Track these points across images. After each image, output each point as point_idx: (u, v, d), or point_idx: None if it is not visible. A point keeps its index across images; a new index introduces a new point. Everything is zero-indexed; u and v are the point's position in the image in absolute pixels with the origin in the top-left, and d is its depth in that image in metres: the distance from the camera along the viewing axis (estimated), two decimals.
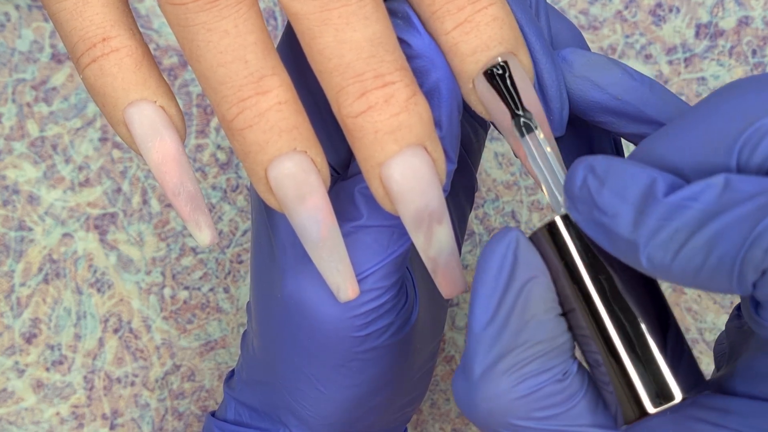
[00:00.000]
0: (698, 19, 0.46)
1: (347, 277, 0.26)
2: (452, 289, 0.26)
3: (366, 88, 0.24)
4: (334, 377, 0.30)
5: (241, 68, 0.24)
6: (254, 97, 0.24)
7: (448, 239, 0.25)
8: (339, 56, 0.24)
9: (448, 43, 0.25)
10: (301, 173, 0.25)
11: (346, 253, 0.26)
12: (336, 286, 0.26)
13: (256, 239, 0.31)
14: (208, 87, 0.24)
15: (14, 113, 0.45)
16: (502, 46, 0.25)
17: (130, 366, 0.46)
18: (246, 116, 0.24)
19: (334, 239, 0.26)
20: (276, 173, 0.25)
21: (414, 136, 0.24)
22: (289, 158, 0.24)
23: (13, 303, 0.45)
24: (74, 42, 0.25)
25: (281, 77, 0.24)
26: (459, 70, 0.25)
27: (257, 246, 0.31)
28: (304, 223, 0.25)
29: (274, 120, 0.24)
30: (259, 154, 0.24)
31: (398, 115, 0.24)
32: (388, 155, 0.24)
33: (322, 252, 0.26)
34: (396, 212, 0.25)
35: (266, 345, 0.32)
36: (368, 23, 0.24)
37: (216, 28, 0.24)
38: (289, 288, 0.29)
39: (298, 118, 0.24)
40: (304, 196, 0.25)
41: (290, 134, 0.24)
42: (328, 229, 0.25)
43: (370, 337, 0.29)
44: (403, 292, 0.30)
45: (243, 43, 0.24)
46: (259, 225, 0.31)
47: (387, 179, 0.24)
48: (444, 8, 0.25)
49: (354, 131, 0.24)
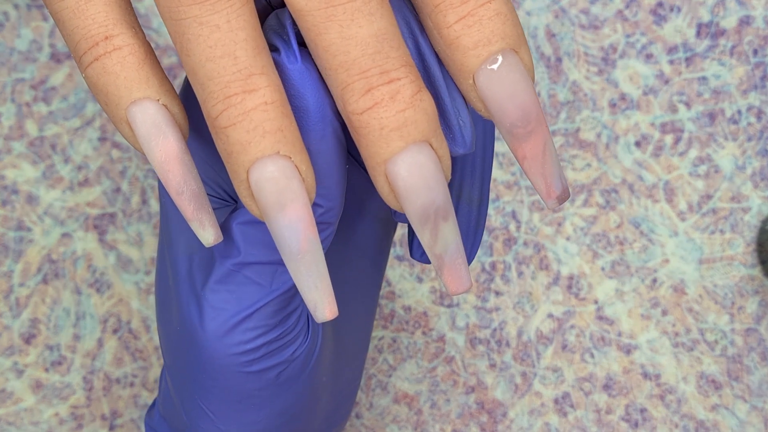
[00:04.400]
0: (699, 19, 0.46)
1: (325, 295, 0.25)
2: (458, 286, 0.26)
3: (371, 85, 0.23)
4: (232, 414, 0.30)
5: (229, 64, 0.24)
6: (240, 95, 0.24)
7: (454, 236, 0.25)
8: (344, 53, 0.24)
9: (449, 37, 0.24)
10: (283, 178, 0.24)
11: (326, 269, 0.25)
12: (313, 304, 0.25)
13: (159, 261, 0.31)
14: (196, 82, 0.24)
15: (13, 113, 0.45)
16: (504, 41, 0.24)
17: (129, 366, 0.46)
18: (230, 114, 0.24)
19: (315, 253, 0.25)
20: (257, 176, 0.24)
21: (420, 132, 0.24)
22: (272, 161, 0.24)
23: (12, 303, 0.45)
24: (76, 41, 0.25)
25: (270, 77, 0.24)
26: (460, 64, 0.25)
27: (159, 267, 0.31)
28: (284, 232, 0.24)
29: (258, 120, 0.24)
30: (241, 154, 0.24)
31: (404, 111, 0.24)
32: (393, 151, 0.24)
33: (300, 266, 0.25)
34: (401, 209, 0.25)
35: (172, 377, 0.31)
36: (373, 19, 0.24)
37: (207, 22, 0.24)
38: (182, 318, 0.29)
39: (284, 121, 0.24)
40: (284, 204, 0.24)
41: (274, 136, 0.24)
42: (309, 241, 0.25)
43: (264, 373, 0.29)
44: (300, 327, 0.29)
45: (234, 39, 0.24)
46: (162, 244, 0.30)
47: (393, 176, 0.24)
48: (447, 1, 0.24)
49: (359, 128, 0.24)
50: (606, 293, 0.47)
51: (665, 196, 0.47)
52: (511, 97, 0.25)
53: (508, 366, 0.47)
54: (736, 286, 0.47)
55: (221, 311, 0.28)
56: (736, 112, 0.47)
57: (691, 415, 0.47)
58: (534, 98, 0.25)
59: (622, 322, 0.47)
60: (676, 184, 0.47)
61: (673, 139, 0.47)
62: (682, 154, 0.47)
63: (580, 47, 0.46)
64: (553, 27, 0.46)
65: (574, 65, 0.46)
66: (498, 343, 0.47)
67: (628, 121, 0.47)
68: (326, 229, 0.27)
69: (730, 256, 0.47)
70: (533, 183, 0.25)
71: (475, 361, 0.47)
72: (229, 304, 0.28)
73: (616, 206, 0.47)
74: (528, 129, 0.25)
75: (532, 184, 0.26)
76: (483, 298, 0.47)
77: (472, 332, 0.47)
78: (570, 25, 0.46)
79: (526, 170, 0.25)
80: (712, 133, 0.47)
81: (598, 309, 0.47)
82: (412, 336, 0.47)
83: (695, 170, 0.47)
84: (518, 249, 0.47)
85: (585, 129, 0.47)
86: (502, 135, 0.25)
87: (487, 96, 0.25)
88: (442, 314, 0.47)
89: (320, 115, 0.26)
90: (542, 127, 0.25)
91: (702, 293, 0.47)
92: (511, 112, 0.25)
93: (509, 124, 0.25)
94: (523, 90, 0.25)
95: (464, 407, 0.47)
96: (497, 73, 0.24)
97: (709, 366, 0.47)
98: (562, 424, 0.47)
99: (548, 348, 0.47)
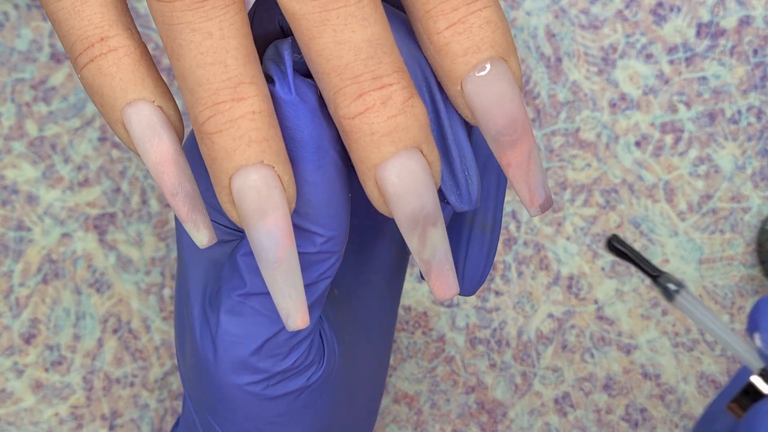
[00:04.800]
0: (699, 19, 0.46)
1: (298, 305, 0.25)
2: (445, 292, 0.26)
3: (363, 90, 0.24)
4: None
5: (219, 71, 0.24)
6: (228, 103, 0.24)
7: (443, 242, 0.25)
8: (337, 57, 0.24)
9: (439, 43, 0.25)
10: (265, 188, 0.24)
11: (301, 280, 0.25)
12: (286, 312, 0.26)
13: (176, 291, 0.31)
14: (185, 88, 0.24)
15: (13, 113, 0.45)
16: (494, 49, 0.24)
17: (129, 366, 0.46)
18: (217, 120, 0.24)
19: (291, 263, 0.25)
20: (240, 184, 0.24)
21: (410, 138, 0.24)
22: (255, 170, 0.24)
23: (12, 303, 0.45)
24: (72, 41, 0.25)
25: (259, 87, 0.24)
26: (448, 70, 0.25)
27: (177, 298, 0.31)
28: (262, 240, 0.25)
29: (245, 128, 0.24)
30: (225, 161, 0.24)
31: (395, 117, 0.24)
32: (384, 157, 0.24)
33: (276, 274, 0.25)
34: (390, 214, 0.25)
35: (193, 405, 0.31)
36: (367, 24, 0.24)
37: (200, 29, 0.24)
38: (196, 352, 0.29)
39: (270, 131, 0.24)
40: (265, 212, 0.24)
41: (260, 146, 0.24)
42: (286, 251, 0.25)
43: (281, 400, 0.29)
44: (314, 353, 0.29)
45: (225, 47, 0.24)
46: (178, 273, 0.31)
47: (383, 181, 0.24)
48: (438, 8, 0.24)
49: (350, 132, 0.24)
50: (606, 293, 0.47)
51: (665, 196, 0.47)
52: (499, 105, 0.25)
53: (508, 366, 0.47)
54: (736, 286, 0.47)
55: (234, 345, 0.28)
56: (736, 112, 0.47)
57: (691, 415, 0.47)
58: (521, 107, 0.25)
59: (622, 322, 0.47)
60: (676, 184, 0.47)
61: (673, 139, 0.47)
62: (682, 154, 0.47)
63: (580, 47, 0.46)
64: (553, 27, 0.46)
65: (574, 65, 0.46)
66: (498, 343, 0.47)
67: (628, 121, 0.47)
68: (330, 258, 0.27)
69: (730, 256, 0.47)
70: (517, 190, 0.26)
71: (475, 361, 0.47)
72: (240, 338, 0.28)
73: (616, 206, 0.47)
74: (514, 137, 0.25)
75: (516, 192, 0.26)
76: (483, 298, 0.47)
77: (472, 332, 0.47)
78: (570, 25, 0.46)
79: (511, 178, 0.25)
80: (712, 133, 0.47)
81: (598, 309, 0.47)
82: (412, 336, 0.47)
83: (695, 170, 0.47)
84: (518, 249, 0.47)
85: (585, 129, 0.47)
86: (488, 142, 0.25)
87: (474, 103, 0.25)
88: (442, 314, 0.47)
89: (315, 146, 0.26)
90: (528, 135, 0.25)
91: (702, 293, 0.47)
92: (497, 119, 0.25)
93: (495, 132, 0.25)
94: (511, 98, 0.25)
95: (464, 407, 0.47)
96: (485, 81, 0.25)
97: (709, 366, 0.47)
98: (562, 424, 0.47)
99: (548, 348, 0.47)
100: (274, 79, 0.26)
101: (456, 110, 0.26)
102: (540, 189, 0.26)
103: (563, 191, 0.47)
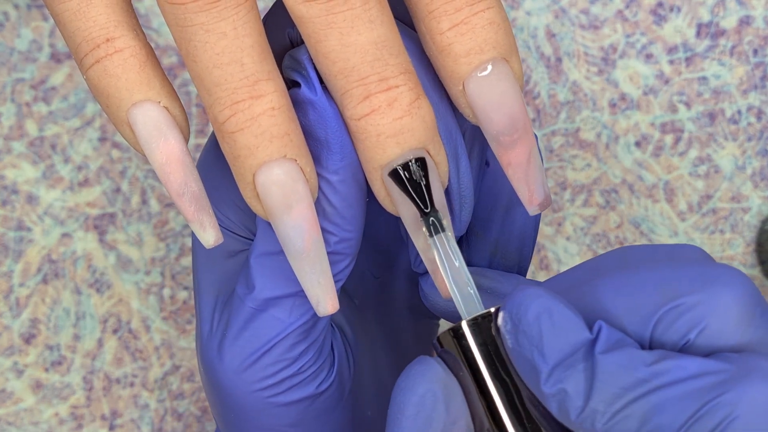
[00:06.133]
0: (699, 19, 0.46)
1: (327, 291, 0.26)
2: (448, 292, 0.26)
3: (370, 92, 0.24)
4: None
5: (236, 71, 0.24)
6: (248, 101, 0.24)
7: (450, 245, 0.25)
8: (344, 59, 0.24)
9: (442, 43, 0.25)
10: (290, 181, 0.24)
11: (328, 267, 0.26)
12: (316, 299, 0.26)
13: (195, 302, 0.31)
14: (203, 88, 0.24)
15: (13, 113, 0.45)
16: (496, 50, 0.25)
17: (129, 366, 0.46)
18: (238, 119, 0.24)
19: (318, 251, 0.25)
20: (264, 179, 0.24)
21: (416, 139, 0.24)
22: (278, 165, 0.24)
23: (12, 303, 0.45)
24: (77, 43, 0.25)
25: (276, 83, 0.24)
26: (451, 70, 0.25)
27: (196, 310, 0.31)
28: (289, 232, 0.25)
29: (266, 125, 0.24)
30: (249, 158, 0.24)
31: (401, 118, 0.24)
32: (390, 158, 0.24)
33: (304, 264, 0.25)
34: (398, 214, 0.25)
35: (215, 418, 0.31)
36: (373, 26, 0.24)
37: (214, 30, 0.24)
38: (203, 357, 0.29)
39: (290, 126, 0.24)
40: (290, 205, 0.25)
41: (281, 141, 0.24)
42: (313, 240, 0.25)
43: (291, 407, 0.29)
44: (321, 361, 0.29)
45: (240, 46, 0.24)
46: (194, 284, 0.31)
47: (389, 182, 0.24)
48: (441, 8, 0.25)
49: (357, 134, 0.24)
50: None
51: (665, 196, 0.47)
52: (500, 106, 0.25)
53: None
54: None
55: (241, 348, 0.28)
56: (736, 112, 0.47)
57: None
58: (522, 107, 0.25)
59: None
60: (676, 184, 0.47)
61: (673, 139, 0.47)
62: (682, 154, 0.47)
63: (580, 47, 0.46)
64: (553, 27, 0.46)
65: (574, 65, 0.46)
66: None
67: (628, 121, 0.47)
68: (343, 260, 0.27)
69: (730, 256, 0.47)
70: (516, 189, 0.26)
71: None
72: (247, 341, 0.28)
73: (616, 206, 0.47)
74: (514, 137, 0.25)
75: (515, 190, 0.26)
76: None
77: None
78: (570, 25, 0.46)
79: (510, 177, 0.26)
80: (712, 133, 0.47)
81: None
82: None
83: (695, 170, 0.47)
84: None
85: (585, 129, 0.47)
86: (489, 142, 0.26)
87: (475, 103, 0.25)
88: None
89: (339, 145, 0.26)
90: (528, 135, 0.25)
91: None
92: (498, 120, 0.25)
93: (496, 132, 0.25)
94: (512, 99, 0.25)
95: None
96: (487, 81, 0.25)
97: None
98: None
99: None
100: (299, 82, 0.26)
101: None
102: (539, 188, 0.26)
103: (563, 191, 0.47)
